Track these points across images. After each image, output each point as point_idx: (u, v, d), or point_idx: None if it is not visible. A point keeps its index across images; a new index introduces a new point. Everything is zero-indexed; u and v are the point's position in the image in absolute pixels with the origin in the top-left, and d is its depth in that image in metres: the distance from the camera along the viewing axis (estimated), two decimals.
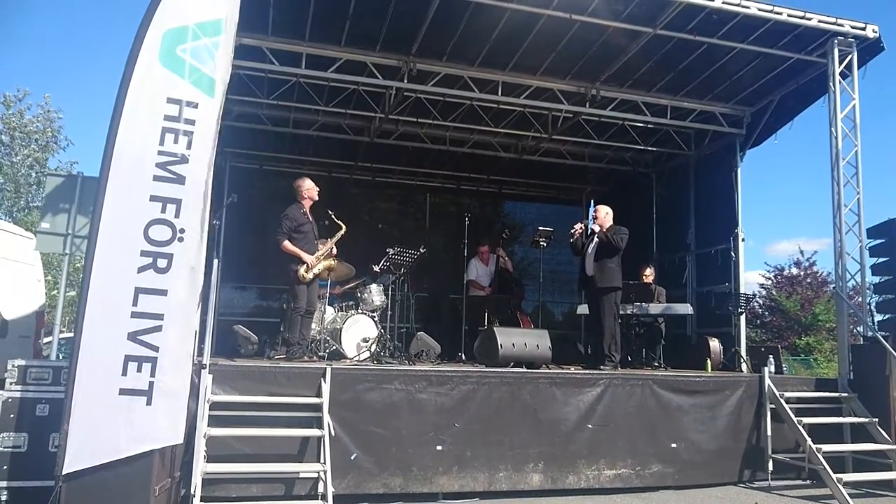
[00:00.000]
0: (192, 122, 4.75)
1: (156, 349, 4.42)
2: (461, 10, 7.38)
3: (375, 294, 8.08)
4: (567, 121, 10.06)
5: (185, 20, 4.85)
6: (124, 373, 4.33)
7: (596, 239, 7.75)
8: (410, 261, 7.89)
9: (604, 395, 6.45)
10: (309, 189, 7.23)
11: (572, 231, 7.98)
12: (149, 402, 4.35)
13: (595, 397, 6.42)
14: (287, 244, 6.92)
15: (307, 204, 7.20)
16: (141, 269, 4.48)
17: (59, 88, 48.17)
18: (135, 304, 4.42)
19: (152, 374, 4.38)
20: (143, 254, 4.50)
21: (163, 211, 4.59)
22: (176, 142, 4.69)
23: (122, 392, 4.31)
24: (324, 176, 10.89)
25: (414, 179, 12.56)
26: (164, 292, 4.49)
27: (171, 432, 4.44)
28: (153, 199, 4.59)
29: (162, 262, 4.53)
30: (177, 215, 4.61)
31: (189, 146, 4.71)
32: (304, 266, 6.94)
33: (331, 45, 8.18)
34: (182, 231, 4.60)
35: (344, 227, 7.33)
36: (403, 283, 8.55)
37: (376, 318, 7.86)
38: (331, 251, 7.29)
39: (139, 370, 4.36)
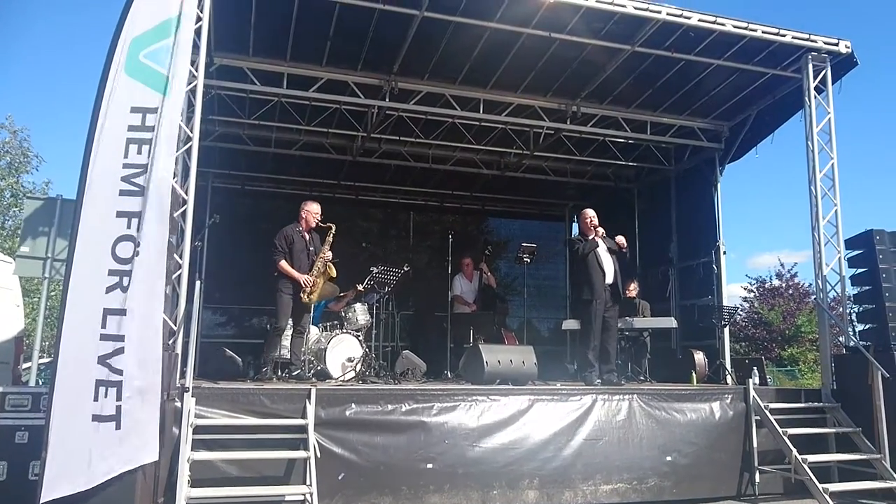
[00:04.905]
0: (151, 129, 4.55)
1: (120, 373, 4.22)
2: (441, 29, 7.44)
3: (360, 313, 8.04)
4: (548, 137, 10.13)
5: (148, 24, 4.71)
6: (95, 398, 4.16)
7: (607, 247, 7.62)
8: (395, 279, 7.88)
9: (593, 409, 6.42)
10: (309, 211, 7.15)
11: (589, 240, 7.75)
12: (118, 427, 4.17)
13: (584, 412, 6.38)
14: (283, 264, 6.87)
15: (304, 225, 7.13)
16: (109, 290, 4.30)
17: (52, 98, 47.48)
18: (103, 325, 4.25)
19: (118, 398, 4.18)
20: (111, 273, 4.32)
21: (128, 226, 4.40)
22: (139, 152, 4.52)
23: (94, 418, 4.15)
24: (306, 195, 10.82)
25: (397, 197, 12.55)
26: (124, 312, 4.29)
27: (144, 452, 4.25)
28: (119, 214, 4.40)
29: (125, 281, 4.32)
30: (138, 228, 4.39)
31: (150, 154, 4.51)
32: (303, 291, 6.90)
33: (312, 64, 8.20)
34: (138, 245, 4.38)
35: (333, 226, 7.22)
36: (388, 301, 8.52)
37: (361, 338, 7.81)
38: (325, 263, 7.17)
39: (107, 395, 4.18)
